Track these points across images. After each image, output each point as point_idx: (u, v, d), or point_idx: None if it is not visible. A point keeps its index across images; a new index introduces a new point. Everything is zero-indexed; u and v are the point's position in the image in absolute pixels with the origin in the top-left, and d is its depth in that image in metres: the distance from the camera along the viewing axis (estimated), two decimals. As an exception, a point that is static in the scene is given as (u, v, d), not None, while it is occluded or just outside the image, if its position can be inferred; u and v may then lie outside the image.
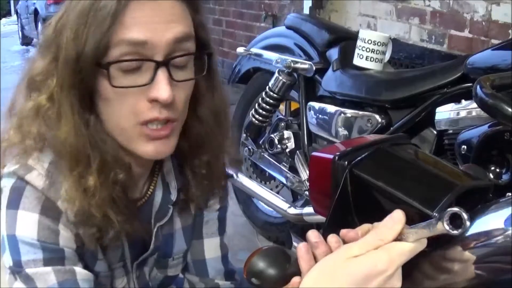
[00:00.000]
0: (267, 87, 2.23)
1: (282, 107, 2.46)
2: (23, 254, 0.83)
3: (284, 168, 2.31)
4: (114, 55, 0.79)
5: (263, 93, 2.26)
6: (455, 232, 0.61)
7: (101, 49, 0.78)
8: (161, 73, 0.80)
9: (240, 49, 2.48)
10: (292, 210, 2.21)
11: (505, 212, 0.75)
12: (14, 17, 13.58)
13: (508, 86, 1.20)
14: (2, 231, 0.84)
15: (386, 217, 0.68)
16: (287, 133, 2.33)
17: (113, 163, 0.84)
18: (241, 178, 2.34)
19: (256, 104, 2.31)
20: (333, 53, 2.10)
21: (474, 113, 1.52)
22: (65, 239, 0.84)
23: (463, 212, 0.61)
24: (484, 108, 1.19)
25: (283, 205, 2.25)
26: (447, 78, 1.65)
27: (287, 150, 2.31)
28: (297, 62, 2.15)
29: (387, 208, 0.74)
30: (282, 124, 2.38)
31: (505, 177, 1.30)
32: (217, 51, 0.92)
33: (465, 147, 1.42)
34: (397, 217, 0.68)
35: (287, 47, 2.33)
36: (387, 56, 1.99)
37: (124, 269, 0.96)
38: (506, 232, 0.73)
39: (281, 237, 2.49)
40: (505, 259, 0.74)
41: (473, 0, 2.81)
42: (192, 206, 1.02)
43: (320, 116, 2.08)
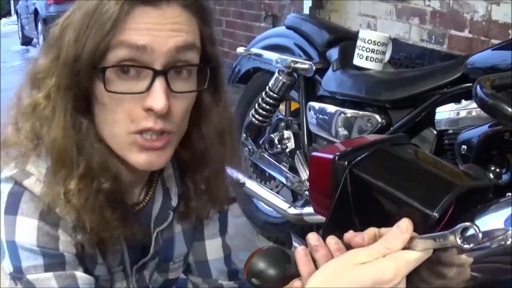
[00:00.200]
0: (267, 87, 2.23)
1: (282, 107, 2.46)
2: (23, 260, 0.82)
3: (284, 168, 2.31)
4: (113, 59, 0.78)
5: (263, 93, 2.26)
6: (467, 246, 0.61)
7: (99, 52, 0.77)
8: (158, 83, 0.78)
9: (240, 49, 2.48)
10: (292, 210, 2.21)
11: (505, 212, 0.75)
12: (14, 17, 13.59)
13: (508, 86, 1.20)
14: (2, 237, 0.83)
15: (393, 227, 0.68)
16: (287, 133, 2.33)
17: (99, 171, 0.83)
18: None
19: (256, 104, 2.31)
20: (333, 53, 2.10)
21: (474, 113, 1.52)
22: (65, 244, 0.84)
23: (475, 226, 0.60)
24: (484, 108, 1.19)
25: (283, 205, 2.25)
26: (447, 78, 1.65)
27: (287, 150, 2.31)
28: (297, 62, 2.15)
29: (387, 208, 0.74)
30: (282, 124, 2.38)
31: (505, 177, 1.30)
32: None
33: (465, 147, 1.42)
34: (404, 226, 0.67)
35: (287, 47, 2.34)
36: (387, 56, 1.99)
37: (123, 273, 0.96)
38: (506, 232, 0.73)
39: (281, 237, 2.49)
40: (505, 259, 0.74)
41: (473, 0, 2.81)
42: (192, 216, 1.00)
43: (320, 116, 2.08)
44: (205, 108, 0.90)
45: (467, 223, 0.61)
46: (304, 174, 2.15)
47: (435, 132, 1.70)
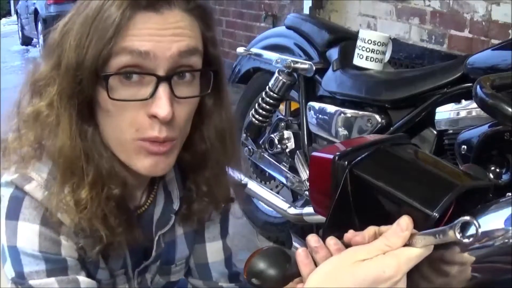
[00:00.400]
0: (267, 87, 2.23)
1: (282, 107, 2.46)
2: (25, 265, 0.82)
3: (284, 168, 2.31)
4: (115, 66, 0.77)
5: (263, 93, 2.26)
6: (466, 240, 0.61)
7: (101, 59, 0.76)
8: (162, 89, 0.78)
9: (240, 49, 2.48)
10: (292, 210, 2.21)
11: (505, 212, 0.75)
12: (14, 17, 13.59)
13: (508, 86, 1.20)
14: (2, 241, 0.83)
15: (393, 224, 0.68)
16: (287, 133, 2.33)
17: (108, 177, 0.83)
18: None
19: (256, 104, 2.31)
20: (333, 53, 2.10)
21: (474, 113, 1.52)
22: (67, 249, 0.84)
23: (475, 221, 0.60)
24: (484, 108, 1.19)
25: (283, 205, 2.25)
26: (447, 78, 1.65)
27: (287, 150, 2.31)
28: (297, 62, 2.15)
29: (387, 208, 0.74)
30: (282, 124, 2.38)
31: (505, 177, 1.30)
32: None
33: (465, 147, 1.42)
34: (405, 224, 0.67)
35: (287, 47, 2.33)
36: (387, 56, 1.99)
37: (125, 276, 0.96)
38: (506, 232, 0.73)
39: (281, 237, 2.49)
40: (505, 259, 0.73)
41: (473, 0, 2.81)
42: (194, 218, 1.00)
43: (320, 116, 2.08)
44: (207, 110, 0.90)
45: (466, 217, 0.61)
46: (304, 174, 2.15)
47: (435, 132, 1.70)
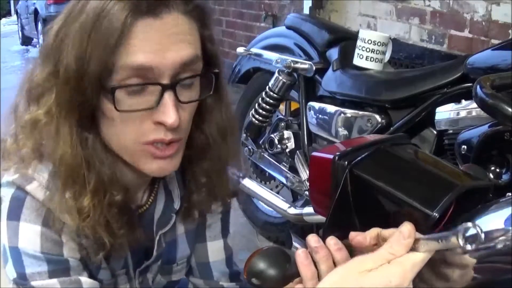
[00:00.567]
0: (267, 87, 2.23)
1: (282, 107, 2.46)
2: (27, 266, 0.82)
3: (284, 168, 2.31)
4: (119, 78, 0.76)
5: (263, 93, 2.26)
6: (469, 248, 0.61)
7: (106, 72, 0.76)
8: (167, 97, 0.78)
9: (240, 49, 2.48)
10: (292, 210, 2.21)
11: (505, 212, 0.75)
12: (14, 17, 13.58)
13: (508, 86, 1.20)
14: (3, 242, 0.83)
15: (396, 232, 0.67)
16: (287, 133, 2.33)
17: (110, 184, 0.83)
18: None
19: (256, 104, 2.31)
20: (333, 53, 2.10)
21: (474, 113, 1.52)
22: (69, 249, 0.84)
23: (478, 228, 0.60)
24: (484, 108, 1.19)
25: (283, 205, 2.25)
26: (447, 78, 1.65)
27: (287, 150, 2.31)
28: (297, 62, 2.15)
29: (387, 208, 0.74)
30: (282, 124, 2.38)
31: (505, 177, 1.30)
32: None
33: (465, 147, 1.42)
34: (407, 231, 0.66)
35: (287, 47, 2.33)
36: (387, 56, 1.99)
37: (127, 276, 0.96)
38: (506, 232, 0.73)
39: (281, 237, 2.49)
40: (505, 259, 0.74)
41: (473, 0, 2.81)
42: (195, 212, 1.00)
43: (320, 116, 2.08)
44: (207, 108, 0.90)
45: (469, 224, 0.61)
46: (304, 174, 2.15)
47: (435, 132, 1.70)
